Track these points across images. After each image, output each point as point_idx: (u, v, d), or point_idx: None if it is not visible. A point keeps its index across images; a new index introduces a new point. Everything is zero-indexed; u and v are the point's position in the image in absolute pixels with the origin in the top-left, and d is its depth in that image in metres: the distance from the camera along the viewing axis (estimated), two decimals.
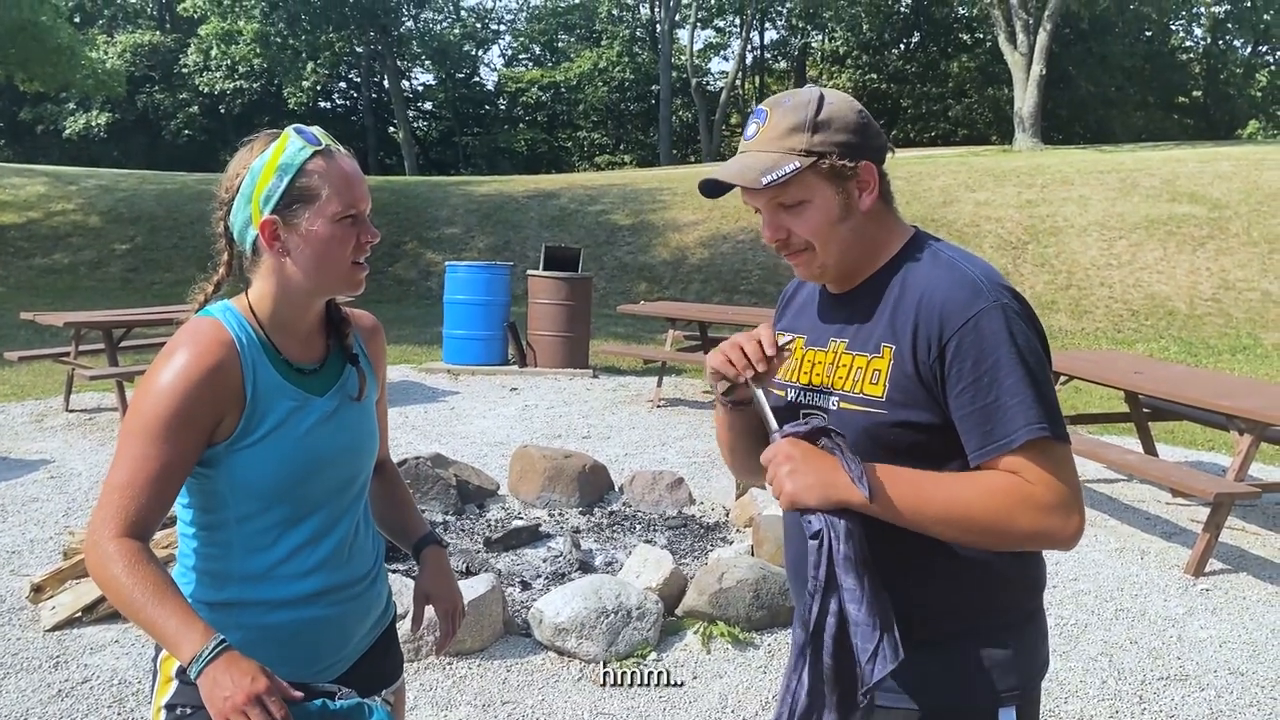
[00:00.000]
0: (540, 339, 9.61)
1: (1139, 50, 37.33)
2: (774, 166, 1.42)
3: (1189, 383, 5.48)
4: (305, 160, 1.48)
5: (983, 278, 1.39)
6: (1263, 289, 12.76)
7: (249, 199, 1.49)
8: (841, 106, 1.44)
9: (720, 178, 1.46)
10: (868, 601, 1.31)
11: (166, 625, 1.33)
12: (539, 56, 46.26)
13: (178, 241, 17.51)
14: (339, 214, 1.49)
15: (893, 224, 1.51)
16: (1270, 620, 4.17)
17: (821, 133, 1.42)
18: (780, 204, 1.45)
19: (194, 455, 1.45)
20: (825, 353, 1.50)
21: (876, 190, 1.45)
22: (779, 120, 1.44)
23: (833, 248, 1.46)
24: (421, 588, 1.82)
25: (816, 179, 1.42)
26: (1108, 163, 18.34)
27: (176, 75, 37.93)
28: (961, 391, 1.35)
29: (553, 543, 4.63)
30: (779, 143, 1.43)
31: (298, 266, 1.51)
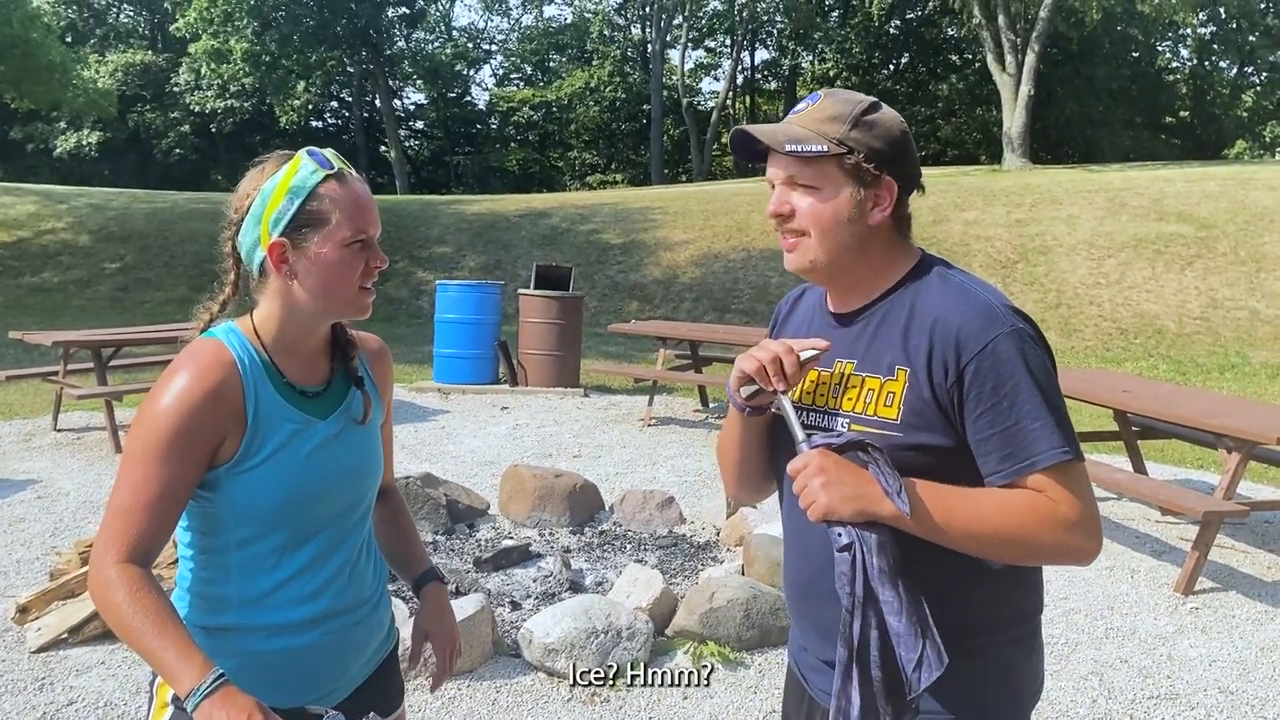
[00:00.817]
0: (531, 358, 9.61)
1: (1126, 71, 37.64)
2: (803, 140, 1.44)
3: (1178, 401, 5.50)
4: (317, 184, 1.48)
5: (996, 302, 1.41)
6: (1250, 308, 12.83)
7: (259, 220, 1.48)
8: (890, 119, 1.46)
9: (753, 131, 1.48)
10: (906, 611, 1.32)
11: (165, 656, 1.32)
12: (530, 76, 46.45)
13: (168, 260, 17.48)
14: (349, 239, 1.49)
15: (899, 249, 1.51)
16: (1259, 639, 4.18)
17: (860, 130, 1.43)
18: (796, 182, 1.46)
19: (195, 478, 1.44)
20: (829, 373, 1.50)
21: (891, 208, 1.45)
22: (827, 105, 1.46)
23: (828, 244, 1.46)
24: (421, 625, 1.81)
25: (838, 171, 1.43)
26: (1096, 182, 18.46)
27: (168, 94, 37.98)
28: (981, 415, 1.36)
29: (543, 562, 4.62)
30: (818, 124, 1.44)
31: (305, 290, 1.50)
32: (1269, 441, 4.59)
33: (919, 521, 1.33)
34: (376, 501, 1.78)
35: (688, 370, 8.95)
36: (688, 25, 40.82)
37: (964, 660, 1.42)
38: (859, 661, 1.35)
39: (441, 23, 45.38)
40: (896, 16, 40.09)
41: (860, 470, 1.35)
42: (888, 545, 1.34)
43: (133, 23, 43.08)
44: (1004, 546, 1.36)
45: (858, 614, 1.34)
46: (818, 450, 1.37)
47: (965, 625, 1.43)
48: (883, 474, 1.34)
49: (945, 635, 1.40)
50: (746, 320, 14.33)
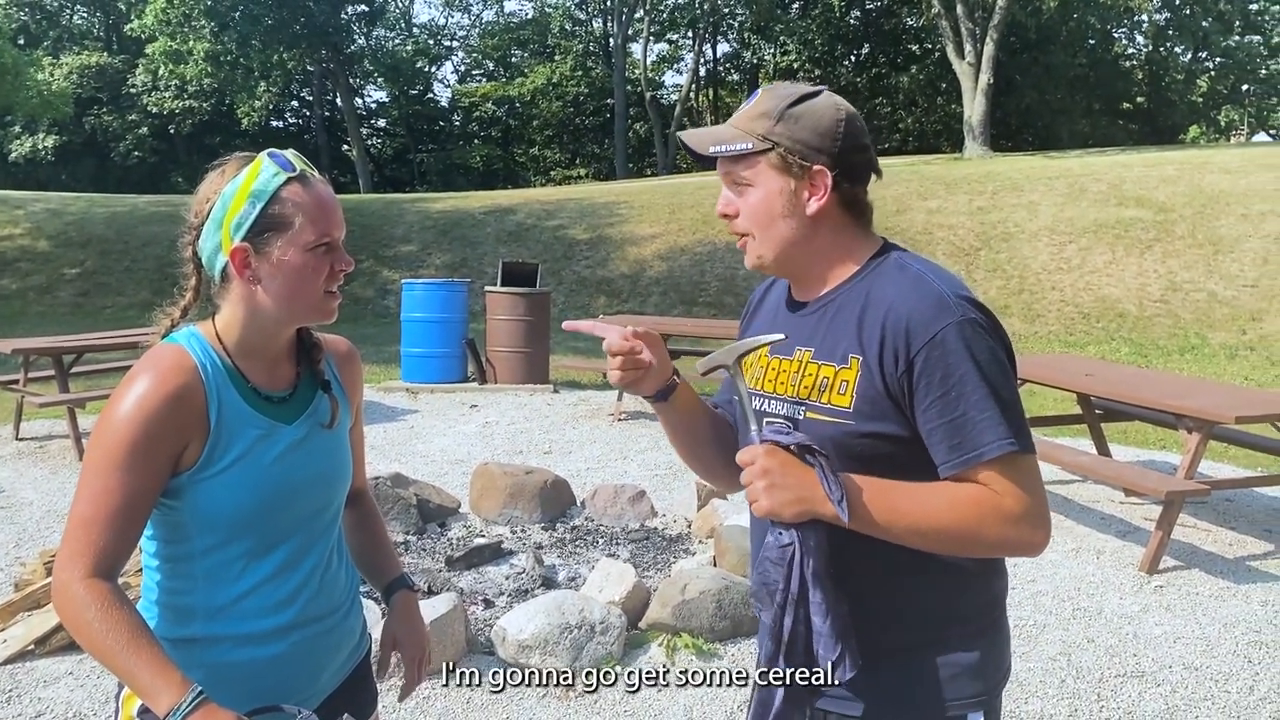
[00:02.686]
0: (499, 355, 9.58)
1: (1083, 59, 38.06)
2: (729, 140, 1.46)
3: (1139, 384, 5.58)
4: (279, 187, 1.45)
5: (948, 291, 1.40)
6: (1208, 290, 13.04)
7: (219, 225, 1.46)
8: (823, 107, 1.45)
9: (683, 137, 1.51)
10: (832, 614, 1.35)
11: (141, 675, 1.30)
12: (493, 72, 46.25)
13: (129, 265, 17.25)
14: (313, 243, 1.47)
15: (857, 238, 1.50)
16: (1222, 615, 4.26)
17: (785, 124, 1.43)
18: (734, 180, 1.48)
19: (159, 486, 1.42)
20: (791, 361, 1.50)
21: (826, 198, 1.44)
22: (761, 102, 1.47)
23: (770, 240, 1.47)
24: (389, 633, 1.79)
25: (768, 167, 1.44)
26: (1056, 169, 18.66)
27: (125, 96, 37.49)
28: (929, 405, 1.36)
29: (515, 560, 4.62)
30: (747, 122, 1.46)
31: (269, 295, 1.48)
32: (1228, 421, 4.68)
33: (860, 524, 1.34)
34: (348, 506, 1.76)
35: None
36: (649, 19, 40.78)
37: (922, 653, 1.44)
38: (786, 657, 1.37)
39: (402, 20, 45.11)
40: (856, 8, 40.31)
41: (805, 470, 1.36)
42: (822, 545, 1.35)
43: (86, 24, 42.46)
44: (948, 542, 1.37)
45: (789, 611, 1.36)
46: (765, 447, 1.37)
47: (922, 616, 1.45)
48: (826, 479, 1.34)
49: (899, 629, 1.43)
50: (714, 313, 14.37)
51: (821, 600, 1.35)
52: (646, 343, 1.52)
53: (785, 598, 1.36)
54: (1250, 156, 17.91)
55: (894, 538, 1.36)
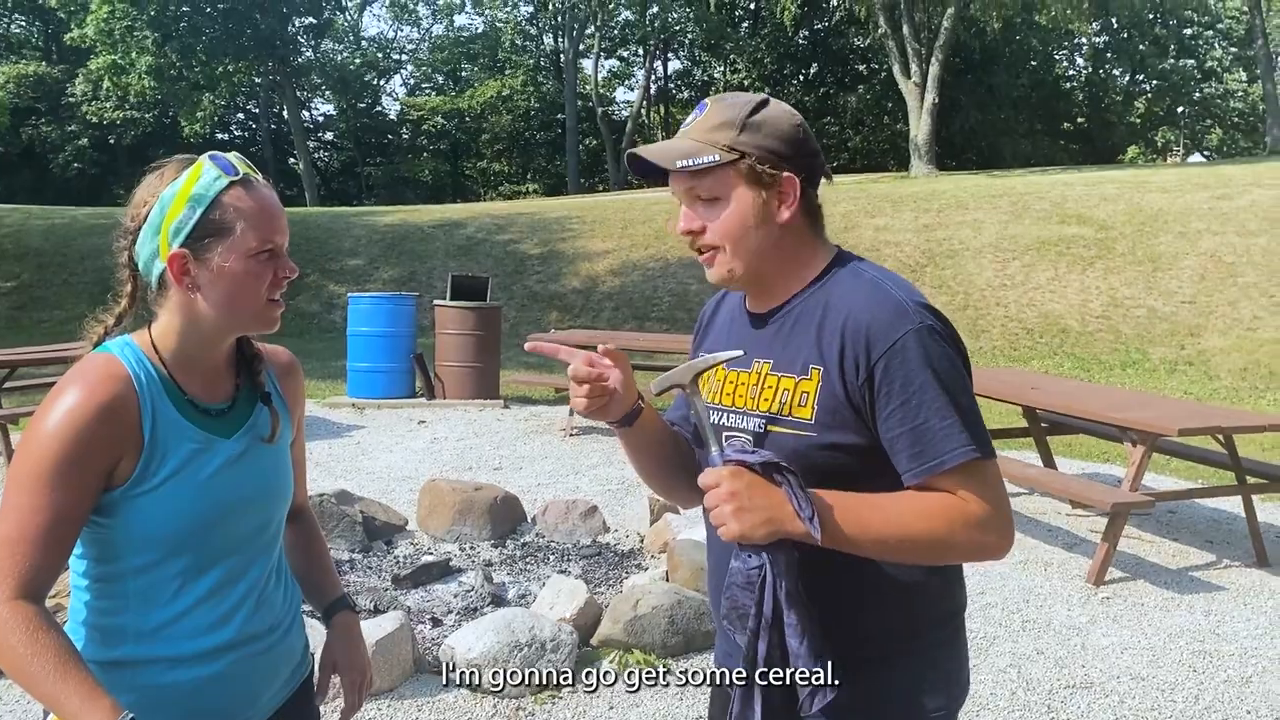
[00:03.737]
0: (449, 370, 9.48)
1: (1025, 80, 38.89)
2: (693, 153, 1.42)
3: (1083, 397, 5.66)
4: (220, 191, 1.40)
5: (906, 298, 1.40)
6: (1148, 306, 13.31)
7: (157, 230, 1.39)
8: (779, 114, 1.44)
9: (642, 154, 1.47)
10: (808, 635, 1.32)
11: (69, 702, 1.23)
12: (442, 86, 46.05)
13: (67, 278, 16.85)
14: (254, 249, 1.41)
15: (815, 244, 1.49)
16: (1167, 625, 4.31)
17: (749, 133, 1.41)
18: (697, 196, 1.45)
19: (89, 502, 1.35)
20: (749, 374, 1.48)
21: (797, 204, 1.43)
22: (714, 113, 1.44)
23: (742, 252, 1.44)
24: (329, 656, 1.73)
25: (736, 178, 1.41)
26: (999, 187, 18.98)
27: (64, 106, 36.69)
28: (890, 414, 1.35)
29: (464, 577, 4.54)
30: (707, 134, 1.42)
31: (208, 303, 1.42)
32: (1171, 434, 4.76)
33: (831, 540, 1.32)
34: (288, 524, 1.71)
35: None
36: (600, 35, 40.91)
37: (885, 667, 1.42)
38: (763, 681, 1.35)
39: (350, 33, 44.75)
40: (805, 28, 40.77)
41: (772, 490, 1.32)
42: (795, 565, 1.33)
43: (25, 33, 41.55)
44: (920, 551, 1.36)
45: (764, 635, 1.33)
46: (730, 469, 1.34)
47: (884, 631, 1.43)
48: (795, 497, 1.31)
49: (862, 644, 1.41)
50: (667, 328, 14.37)
51: (796, 622, 1.32)
52: (614, 361, 1.47)
53: (759, 623, 1.33)
54: (1186, 176, 18.37)
55: (865, 551, 1.35)
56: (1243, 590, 4.76)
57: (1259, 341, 11.87)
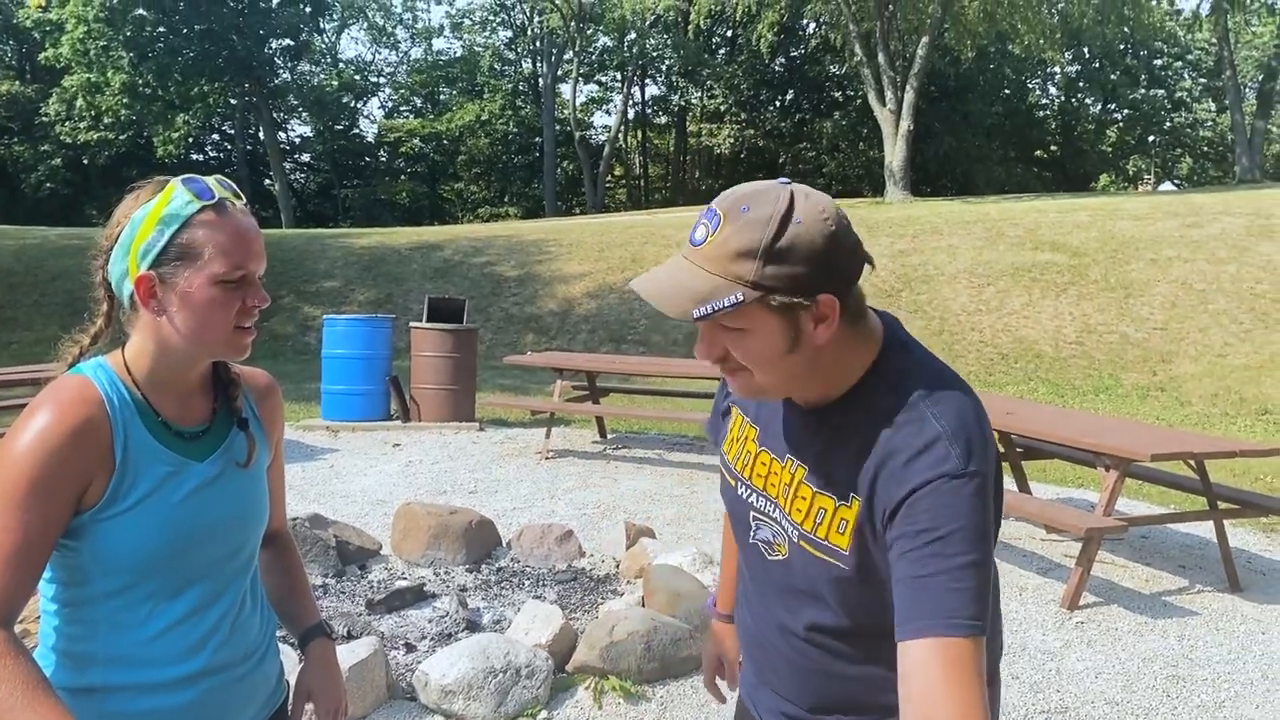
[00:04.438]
0: (424, 392, 9.43)
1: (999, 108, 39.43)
2: (710, 296, 1.21)
3: (1058, 422, 5.69)
4: (191, 215, 1.38)
5: (950, 434, 1.24)
6: (1121, 332, 13.45)
7: (127, 250, 1.38)
8: (810, 229, 1.21)
9: (649, 298, 1.26)
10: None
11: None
12: (420, 109, 46.10)
13: (38, 299, 16.68)
14: (221, 276, 1.38)
15: (857, 345, 1.32)
16: (1141, 650, 4.33)
17: (775, 264, 1.20)
18: (720, 324, 1.26)
19: (60, 525, 1.33)
20: (781, 467, 1.39)
21: (835, 323, 1.26)
22: (731, 235, 1.21)
23: (773, 377, 1.30)
24: (304, 684, 1.70)
25: (762, 310, 1.22)
26: (974, 213, 19.17)
27: (38, 126, 36.42)
28: (904, 554, 1.22)
29: (438, 602, 4.50)
30: (723, 264, 1.21)
31: (175, 327, 1.40)
32: (1144, 459, 4.79)
33: None
34: (265, 547, 1.69)
35: (585, 401, 8.91)
36: (578, 60, 41.13)
37: None
38: None
39: (328, 55, 44.76)
40: (781, 55, 41.16)
41: None
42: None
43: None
44: None
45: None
46: None
47: None
48: None
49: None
50: (643, 350, 14.38)
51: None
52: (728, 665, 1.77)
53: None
54: (1157, 204, 18.63)
55: None
56: (1215, 615, 4.79)
57: (1229, 368, 12.01)
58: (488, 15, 45.12)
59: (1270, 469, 7.70)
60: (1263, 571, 5.51)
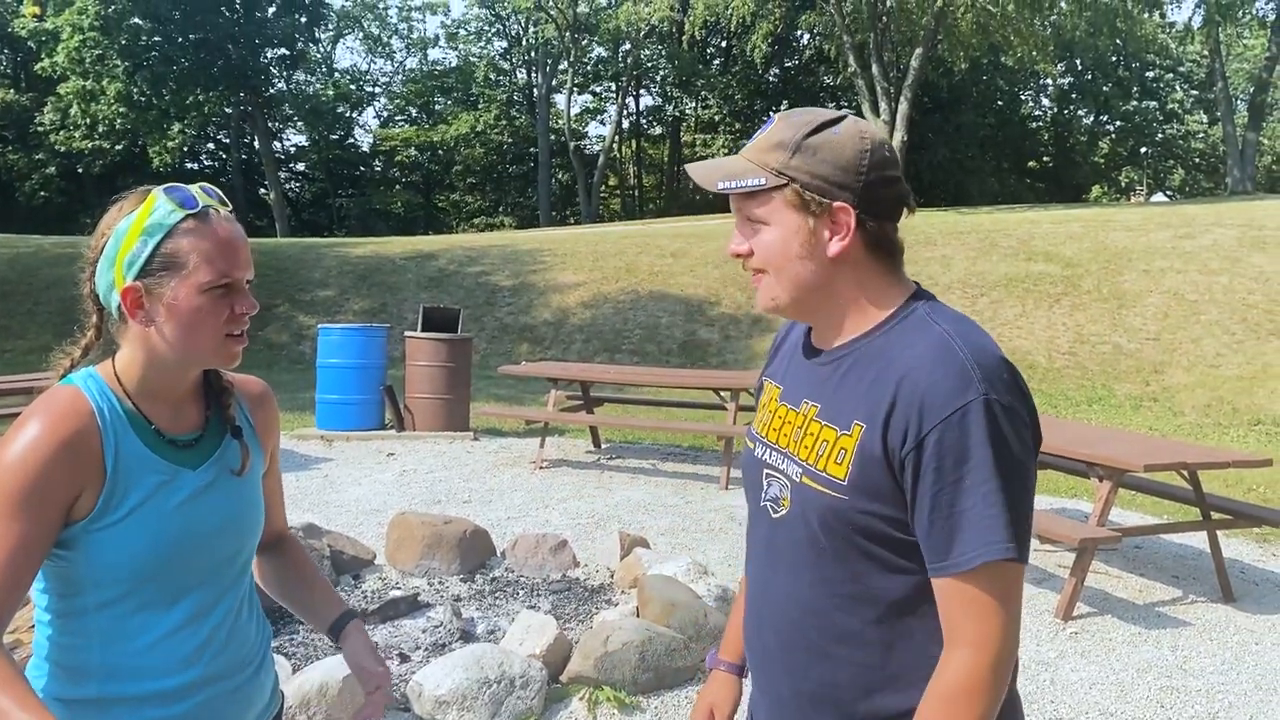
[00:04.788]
0: (419, 402, 9.42)
1: (992, 119, 39.58)
2: (739, 174, 1.33)
3: (1051, 432, 5.70)
4: (175, 224, 1.37)
5: (975, 362, 1.25)
6: (1114, 342, 13.48)
7: (112, 262, 1.38)
8: (845, 138, 1.30)
9: (690, 171, 1.39)
10: None
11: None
12: (415, 119, 46.14)
13: (32, 308, 16.64)
14: (208, 284, 1.38)
15: (883, 283, 1.36)
16: (1135, 660, 4.33)
17: (801, 155, 1.30)
18: (747, 218, 1.36)
19: (51, 536, 1.33)
20: (796, 413, 1.40)
21: (849, 238, 1.31)
22: (775, 131, 1.34)
23: (785, 282, 1.35)
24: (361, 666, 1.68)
25: (783, 203, 1.31)
26: (967, 224, 19.22)
27: (32, 135, 36.37)
28: (937, 495, 1.23)
29: (432, 612, 4.49)
30: (760, 154, 1.33)
31: (163, 337, 1.40)
32: (1137, 470, 4.80)
33: None
34: (274, 552, 1.69)
35: (579, 411, 8.91)
36: (573, 71, 41.22)
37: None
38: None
39: (323, 64, 44.80)
40: (775, 65, 41.31)
41: None
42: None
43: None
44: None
45: None
46: None
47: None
48: None
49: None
50: (637, 360, 14.39)
51: None
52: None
53: None
54: (1149, 215, 18.70)
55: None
56: (1209, 625, 4.80)
57: (1222, 378, 12.05)
58: (483, 26, 45.21)
59: (1263, 479, 7.72)
60: (1256, 582, 5.52)
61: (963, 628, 1.25)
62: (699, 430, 8.47)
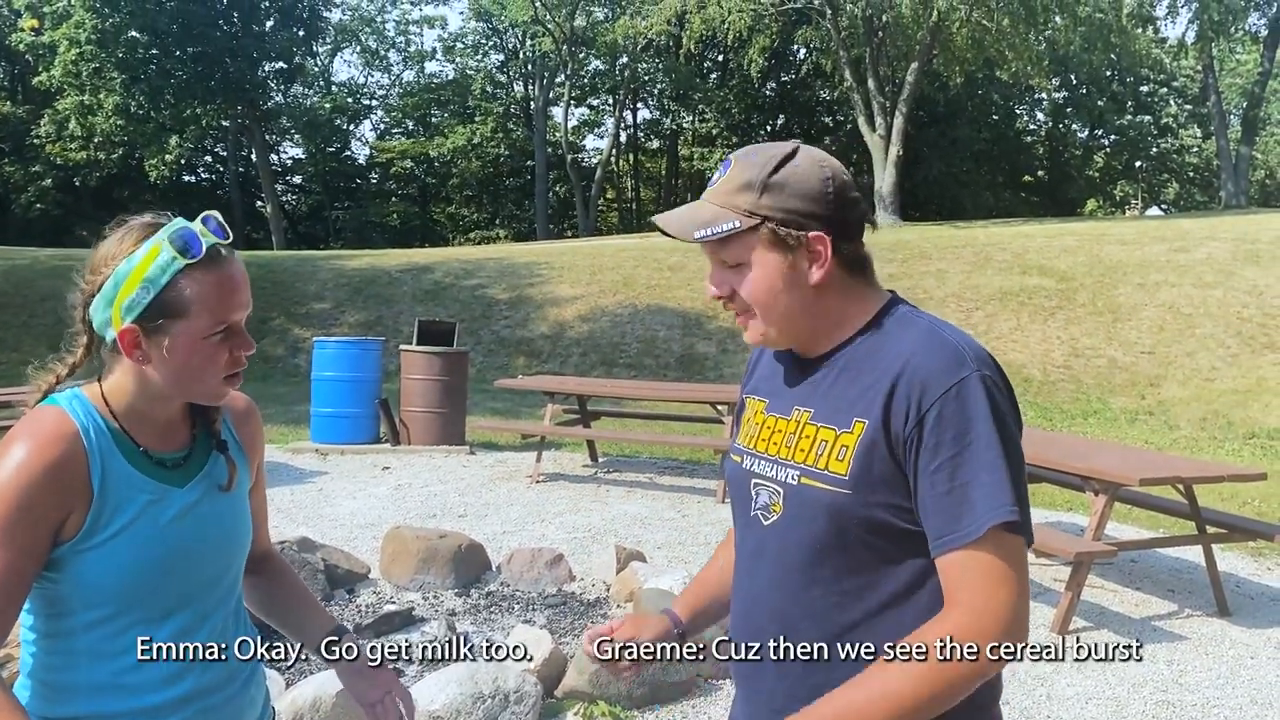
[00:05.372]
0: (414, 415, 9.41)
1: (987, 133, 39.67)
2: (712, 221, 1.36)
3: (1046, 446, 5.71)
4: (176, 274, 1.35)
5: (965, 344, 1.33)
6: (1109, 355, 13.51)
7: (109, 303, 1.36)
8: (806, 170, 1.36)
9: (660, 224, 1.42)
10: None
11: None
12: (412, 131, 46.22)
13: (27, 320, 16.62)
14: (208, 331, 1.37)
15: (861, 295, 1.42)
16: (1130, 675, 4.32)
17: (770, 195, 1.34)
18: (723, 261, 1.39)
19: (39, 559, 1.32)
20: (788, 421, 1.42)
21: (828, 264, 1.36)
22: (736, 173, 1.37)
23: (775, 316, 1.39)
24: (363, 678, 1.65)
25: (759, 242, 1.35)
26: (962, 238, 19.28)
27: (29, 147, 36.38)
28: (938, 468, 1.27)
29: (427, 627, 4.48)
30: (727, 197, 1.36)
31: (158, 376, 1.40)
32: (1132, 483, 4.80)
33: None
34: (259, 571, 1.68)
35: (576, 425, 8.91)
36: (570, 84, 41.32)
37: None
38: None
39: (320, 77, 44.89)
40: (772, 79, 41.44)
41: None
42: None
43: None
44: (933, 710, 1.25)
45: None
46: None
47: None
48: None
49: None
50: (634, 374, 14.39)
51: None
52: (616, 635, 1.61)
53: None
54: (1144, 229, 18.77)
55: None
56: (1204, 640, 4.80)
57: (1217, 392, 12.07)
58: (480, 39, 45.31)
59: (1258, 493, 7.73)
60: (1251, 596, 5.52)
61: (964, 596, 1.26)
62: (696, 444, 8.47)
